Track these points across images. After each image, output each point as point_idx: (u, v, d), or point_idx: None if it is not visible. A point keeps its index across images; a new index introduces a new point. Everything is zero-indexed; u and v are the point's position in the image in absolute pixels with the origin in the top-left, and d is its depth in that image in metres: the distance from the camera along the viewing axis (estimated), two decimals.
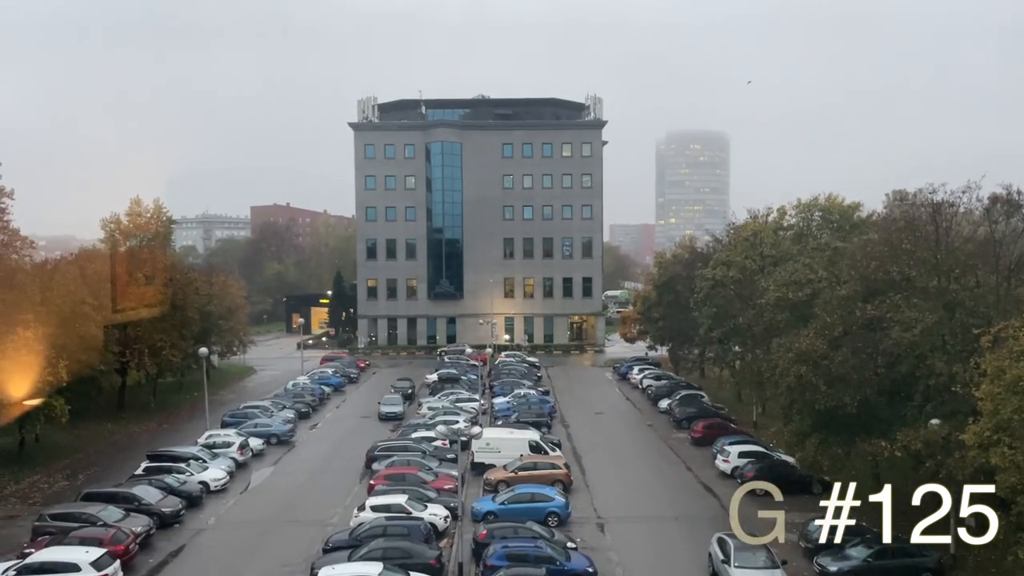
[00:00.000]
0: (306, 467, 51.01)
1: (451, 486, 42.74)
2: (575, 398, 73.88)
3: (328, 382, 78.32)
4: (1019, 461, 24.76)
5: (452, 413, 60.12)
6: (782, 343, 40.88)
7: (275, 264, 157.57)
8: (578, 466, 49.92)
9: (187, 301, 65.79)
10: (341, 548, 34.14)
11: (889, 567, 32.04)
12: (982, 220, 37.63)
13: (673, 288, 78.54)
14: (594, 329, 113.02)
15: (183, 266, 76.40)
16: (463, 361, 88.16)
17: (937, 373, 32.74)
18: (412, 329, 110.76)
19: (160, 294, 62.86)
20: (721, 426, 55.75)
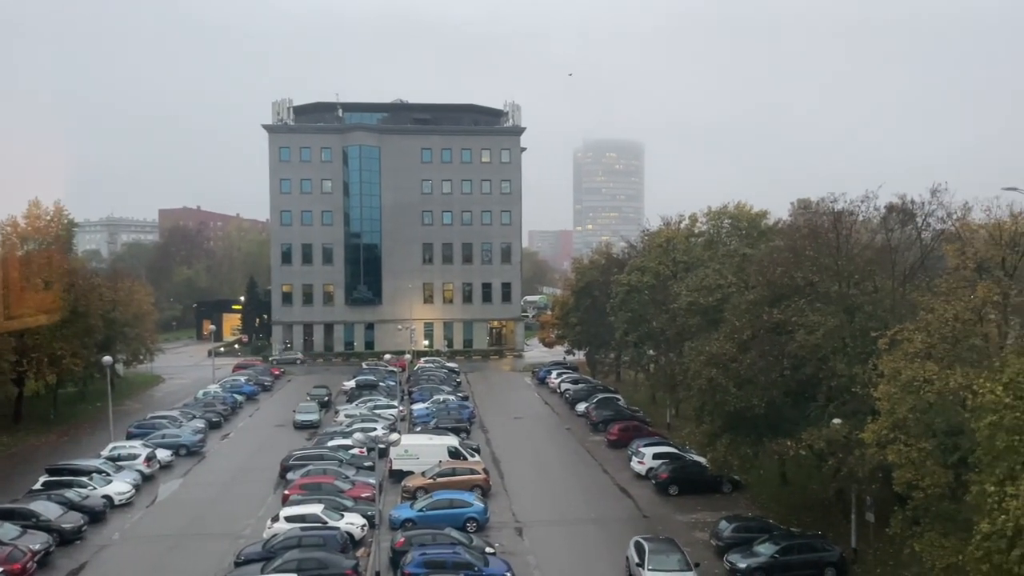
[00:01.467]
0: (217, 478, 49.54)
1: (368, 494, 42.22)
2: (494, 403, 74.07)
3: (241, 390, 76.31)
4: (914, 458, 26.01)
5: (370, 420, 59.43)
6: (694, 346, 41.97)
7: (185, 269, 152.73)
8: (497, 471, 50.04)
9: (90, 307, 63.00)
10: (254, 561, 33.28)
11: (795, 562, 33.17)
12: (879, 228, 39.53)
13: (590, 293, 79.69)
14: (513, 334, 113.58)
15: (85, 271, 73.13)
16: (381, 367, 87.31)
17: (838, 374, 34.17)
18: (329, 335, 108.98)
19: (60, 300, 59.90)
20: (636, 428, 56.81)
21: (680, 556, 32.03)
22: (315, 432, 60.53)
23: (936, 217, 36.61)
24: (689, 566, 31.79)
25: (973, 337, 27.52)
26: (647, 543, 32.89)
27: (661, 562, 31.57)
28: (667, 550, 32.39)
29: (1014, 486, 20.40)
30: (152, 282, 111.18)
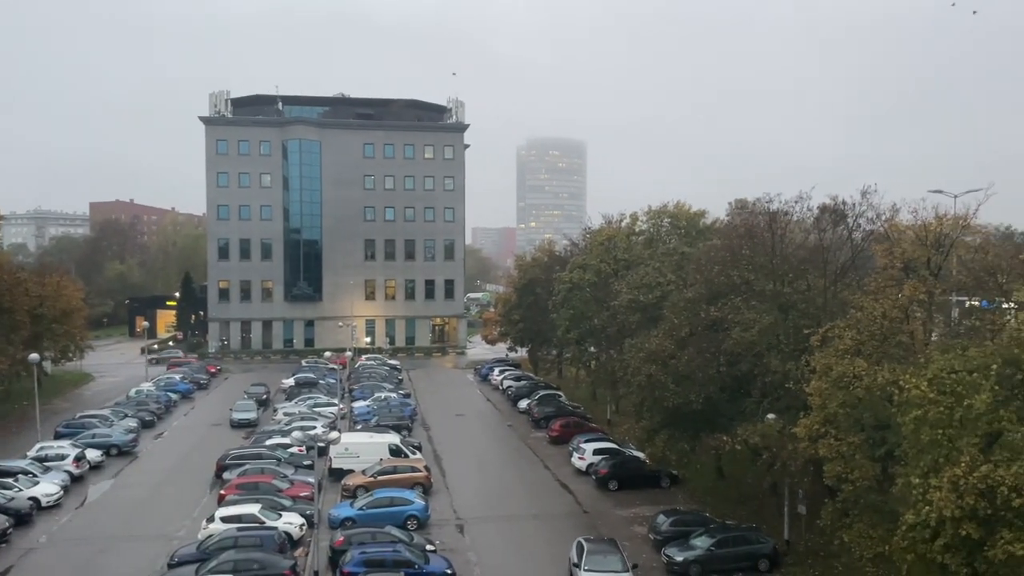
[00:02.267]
0: (150, 479, 48.28)
1: (307, 493, 41.68)
2: (437, 400, 73.86)
3: (175, 388, 74.53)
4: (844, 452, 26.84)
5: (309, 418, 58.70)
6: (634, 343, 42.52)
7: (117, 264, 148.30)
8: (439, 468, 49.92)
9: (15, 303, 60.75)
10: (188, 563, 32.60)
11: (730, 554, 33.88)
12: (813, 228, 40.63)
13: (533, 290, 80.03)
14: (456, 331, 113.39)
15: (10, 265, 70.40)
16: (322, 365, 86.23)
17: (773, 371, 35.05)
18: (268, 332, 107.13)
19: None
20: (577, 425, 57.30)
21: (618, 557, 31.80)
22: (253, 431, 59.51)
23: (866, 218, 37.83)
24: (626, 567, 31.53)
25: (900, 334, 28.52)
26: (586, 543, 33.05)
27: (597, 563, 31.40)
28: (605, 551, 32.21)
29: (937, 478, 21.18)
30: (82, 277, 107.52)
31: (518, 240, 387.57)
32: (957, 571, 20.80)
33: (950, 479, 19.97)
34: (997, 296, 26.16)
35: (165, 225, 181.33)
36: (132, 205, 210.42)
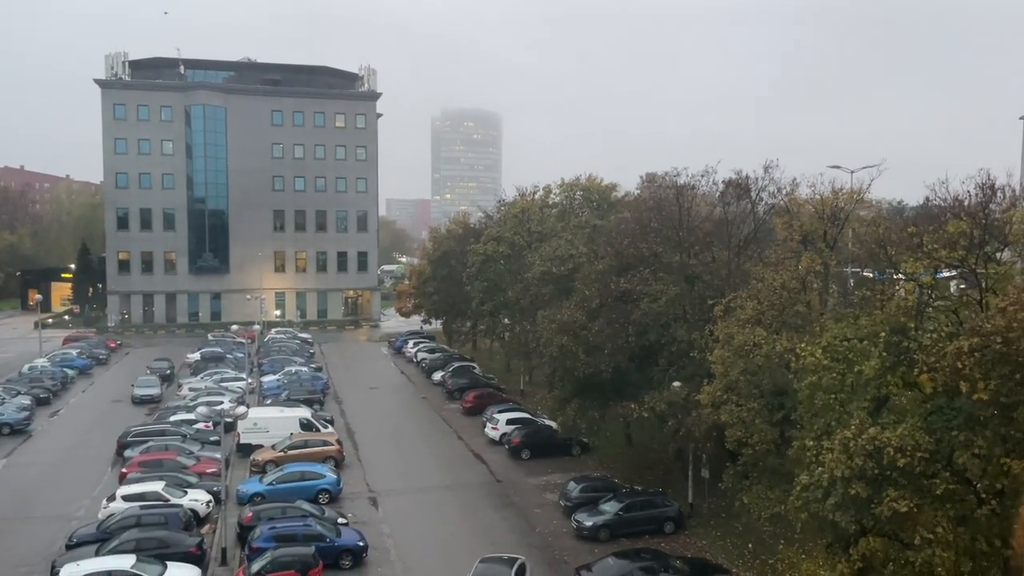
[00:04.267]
0: (46, 458, 46.28)
1: (214, 470, 40.76)
2: (350, 374, 73.11)
3: (72, 364, 71.37)
4: (744, 417, 27.95)
5: (216, 393, 57.20)
6: (546, 315, 43.01)
7: (7, 234, 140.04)
8: (351, 442, 49.57)
9: None
10: (88, 543, 31.59)
11: (637, 518, 34.93)
12: (718, 202, 41.75)
13: (447, 263, 79.78)
14: (370, 304, 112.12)
15: None
16: (229, 339, 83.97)
17: (679, 340, 36.07)
18: (171, 306, 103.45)
19: None
20: (491, 396, 57.75)
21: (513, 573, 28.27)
22: (156, 407, 57.71)
23: (768, 192, 39.09)
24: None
25: (798, 304, 29.74)
26: (481, 564, 29.46)
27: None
28: (499, 566, 28.80)
29: (830, 441, 22.27)
30: None
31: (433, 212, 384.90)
32: (846, 528, 21.98)
33: (841, 441, 21.02)
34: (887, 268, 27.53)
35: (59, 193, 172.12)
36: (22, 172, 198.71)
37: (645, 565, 29.13)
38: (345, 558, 31.58)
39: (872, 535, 22.18)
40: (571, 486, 38.36)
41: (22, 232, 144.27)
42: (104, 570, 27.90)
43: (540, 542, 34.54)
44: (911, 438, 20.30)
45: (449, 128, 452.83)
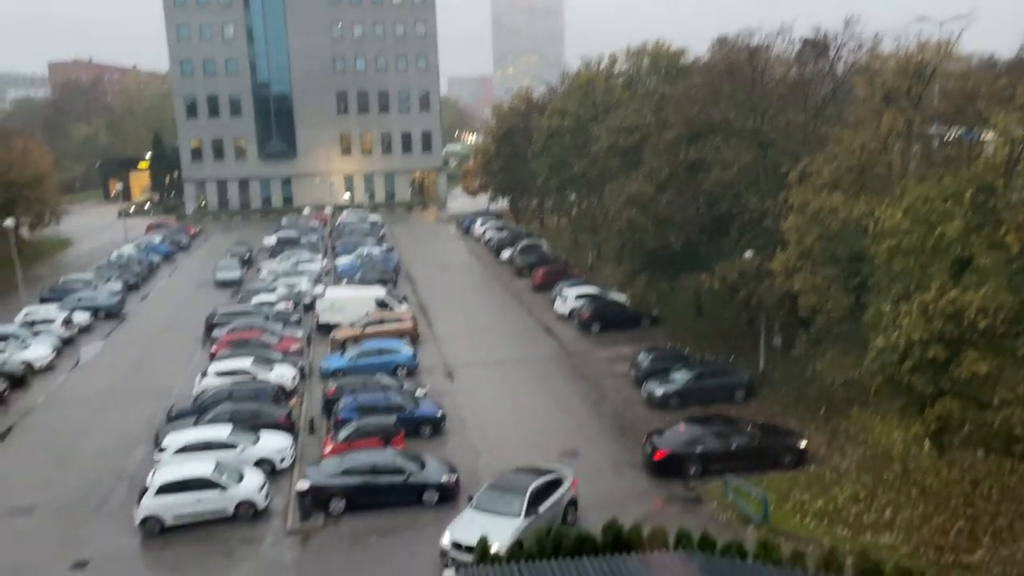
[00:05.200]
0: (140, 339, 49.04)
1: (296, 347, 42.57)
2: (419, 254, 74.27)
3: (156, 250, 74.29)
4: (818, 284, 27.53)
5: (293, 275, 59.04)
6: (613, 188, 42.47)
7: (83, 126, 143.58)
8: (425, 319, 50.89)
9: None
10: (186, 415, 33.65)
11: (708, 386, 35.30)
12: (794, 62, 39.69)
13: (511, 140, 78.80)
14: (436, 185, 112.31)
15: None
16: (302, 222, 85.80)
17: (751, 209, 35.25)
18: (244, 192, 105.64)
19: None
20: (560, 272, 58.06)
21: (519, 500, 24.58)
22: (238, 289, 59.90)
23: (848, 49, 36.88)
24: (520, 512, 24.22)
25: (878, 166, 28.54)
26: (491, 483, 26.53)
27: (489, 501, 25.05)
28: (506, 490, 25.35)
29: (908, 304, 21.85)
30: (48, 141, 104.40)
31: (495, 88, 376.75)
32: (923, 390, 21.84)
33: (920, 304, 20.61)
34: (976, 124, 26.00)
35: (128, 84, 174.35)
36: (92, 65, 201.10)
37: (716, 430, 29.66)
38: (424, 427, 33.00)
39: (949, 397, 22.00)
40: (641, 357, 38.84)
41: (97, 124, 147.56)
42: (203, 439, 29.79)
43: (610, 411, 35.40)
44: (994, 299, 19.74)
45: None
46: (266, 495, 27.37)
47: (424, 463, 28.31)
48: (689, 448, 28.77)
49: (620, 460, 30.37)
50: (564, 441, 32.17)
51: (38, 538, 26.27)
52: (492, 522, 23.38)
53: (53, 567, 24.37)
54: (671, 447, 28.88)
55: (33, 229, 75.67)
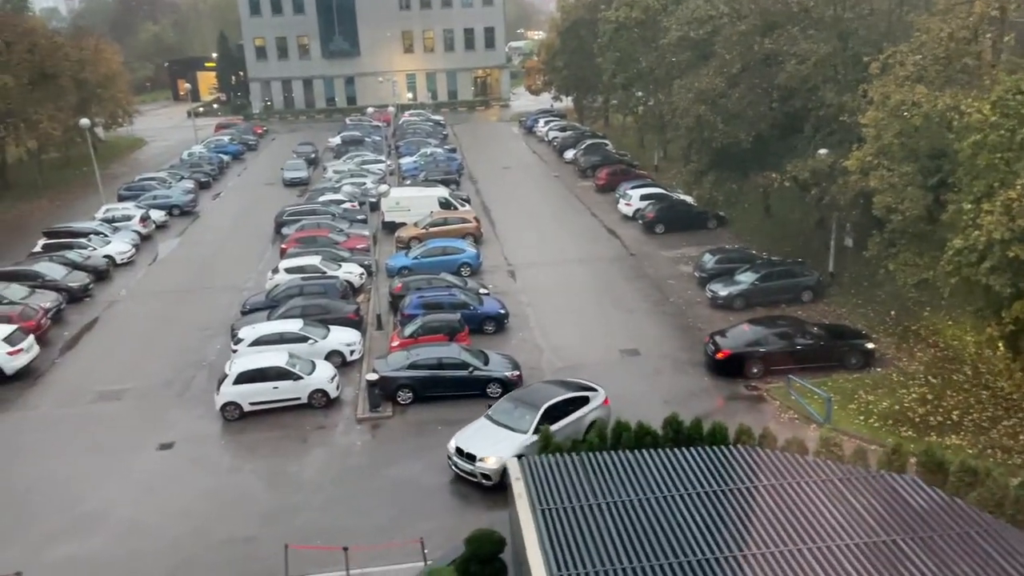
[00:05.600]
0: (213, 236, 50.50)
1: (363, 246, 43.30)
2: (482, 154, 73.78)
3: (226, 150, 75.51)
4: (895, 183, 26.44)
5: (358, 175, 59.49)
6: (683, 84, 40.98)
7: (150, 25, 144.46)
8: (488, 219, 50.99)
9: (58, 68, 60.45)
10: (259, 309, 34.81)
11: (774, 287, 34.79)
12: None
13: (577, 34, 76.42)
14: (499, 83, 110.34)
15: (46, 30, 69.20)
16: (366, 122, 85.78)
17: (827, 104, 33.72)
18: (309, 91, 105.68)
19: (25, 62, 57.54)
20: (624, 172, 57.12)
21: (531, 417, 23.39)
22: (305, 189, 60.81)
23: None
24: (528, 430, 23.10)
25: (966, 56, 26.83)
26: (507, 396, 25.80)
27: (503, 413, 24.19)
28: (520, 405, 24.26)
29: (990, 203, 20.93)
30: (117, 40, 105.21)
31: None
32: (1000, 291, 21.14)
33: (1003, 202, 19.71)
34: None
35: None
36: None
37: (780, 331, 29.38)
38: (487, 324, 33.53)
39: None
40: (706, 257, 38.38)
41: (164, 23, 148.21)
42: (277, 331, 30.92)
43: (673, 311, 35.33)
44: None
45: None
46: (337, 385, 28.48)
47: (488, 358, 28.93)
48: (752, 348, 28.65)
49: (681, 359, 30.50)
50: (626, 340, 32.39)
51: (126, 421, 27.97)
52: (500, 435, 22.98)
53: (141, 448, 26.00)
54: (734, 347, 28.80)
55: (108, 129, 77.54)
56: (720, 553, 13.57)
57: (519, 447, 22.25)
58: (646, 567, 13.31)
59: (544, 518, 14.73)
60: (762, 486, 15.51)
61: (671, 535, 14.10)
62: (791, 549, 13.58)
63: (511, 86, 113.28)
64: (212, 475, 23.12)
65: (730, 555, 13.52)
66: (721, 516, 14.62)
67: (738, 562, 13.34)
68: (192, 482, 23.75)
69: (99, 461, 25.27)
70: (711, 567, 13.24)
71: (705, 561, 13.36)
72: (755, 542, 13.80)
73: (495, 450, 22.35)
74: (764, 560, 13.36)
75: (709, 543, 13.84)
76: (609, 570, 13.26)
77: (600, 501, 15.23)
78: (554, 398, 24.01)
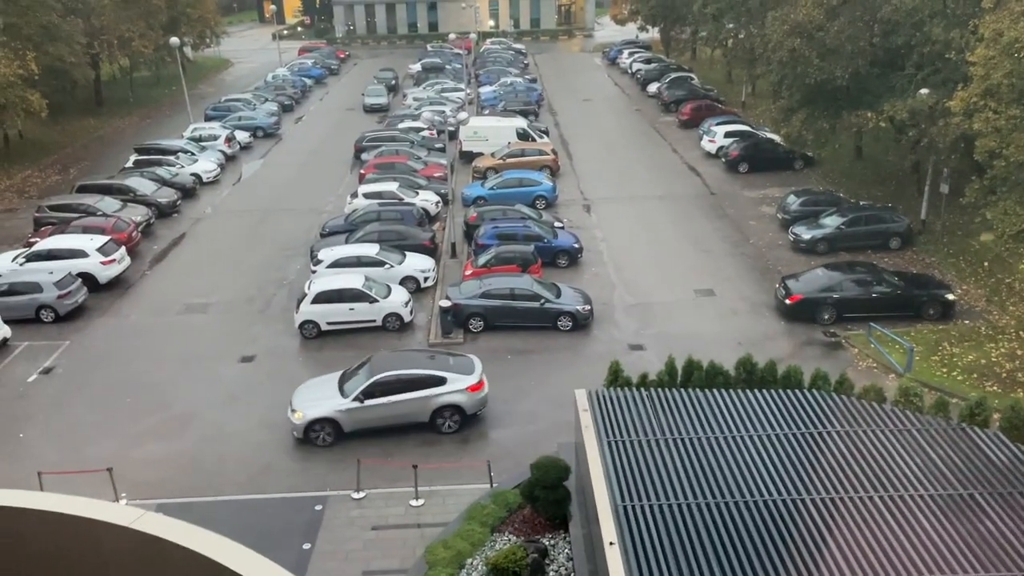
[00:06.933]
0: (295, 159, 51.31)
1: (440, 174, 43.37)
2: (563, 85, 72.47)
3: (309, 74, 76.08)
4: (1001, 126, 24.93)
5: (438, 103, 59.27)
6: (777, 16, 39.11)
7: None
8: (565, 152, 50.35)
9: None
10: (338, 232, 35.44)
11: (860, 232, 33.56)
12: None
13: None
14: (583, 12, 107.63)
15: None
16: (447, 50, 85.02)
17: (933, 40, 31.73)
18: (392, 16, 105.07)
19: None
20: (709, 108, 55.38)
21: (358, 383, 22.34)
22: (385, 115, 60.97)
23: None
24: (350, 397, 22.01)
25: None
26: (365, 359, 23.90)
27: (352, 372, 23.28)
28: (364, 367, 23.10)
29: None
30: None
31: None
32: None
33: None
34: None
35: None
36: None
37: (857, 277, 28.40)
38: (561, 258, 33.43)
39: None
40: (790, 199, 37.18)
41: None
42: (354, 255, 31.47)
43: (753, 252, 34.52)
44: None
45: None
46: (411, 310, 28.95)
47: (560, 291, 28.92)
48: (825, 294, 27.86)
49: (758, 301, 29.89)
50: (701, 280, 31.88)
51: (211, 333, 29.13)
52: (327, 393, 22.41)
53: (224, 359, 27.11)
54: (806, 291, 28.05)
55: (196, 49, 78.87)
56: (788, 495, 13.43)
57: (330, 410, 21.88)
58: (711, 504, 13.29)
59: (610, 449, 14.81)
60: (835, 431, 15.21)
61: (738, 475, 14.00)
62: (862, 496, 13.34)
63: (596, 15, 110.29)
64: (290, 388, 23.94)
65: (797, 498, 13.37)
66: (791, 459, 14.43)
67: (805, 505, 13.20)
68: (272, 393, 24.68)
69: (186, 369, 26.48)
70: (777, 508, 13.13)
71: (773, 502, 13.25)
72: (824, 487, 13.61)
73: (307, 407, 22.09)
74: (832, 505, 13.17)
75: (776, 485, 13.70)
76: (673, 504, 13.29)
77: (668, 437, 15.20)
78: (392, 371, 22.29)
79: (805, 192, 38.07)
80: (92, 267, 31.61)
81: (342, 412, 21.96)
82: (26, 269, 30.89)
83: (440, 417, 22.37)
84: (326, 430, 22.02)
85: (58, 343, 28.35)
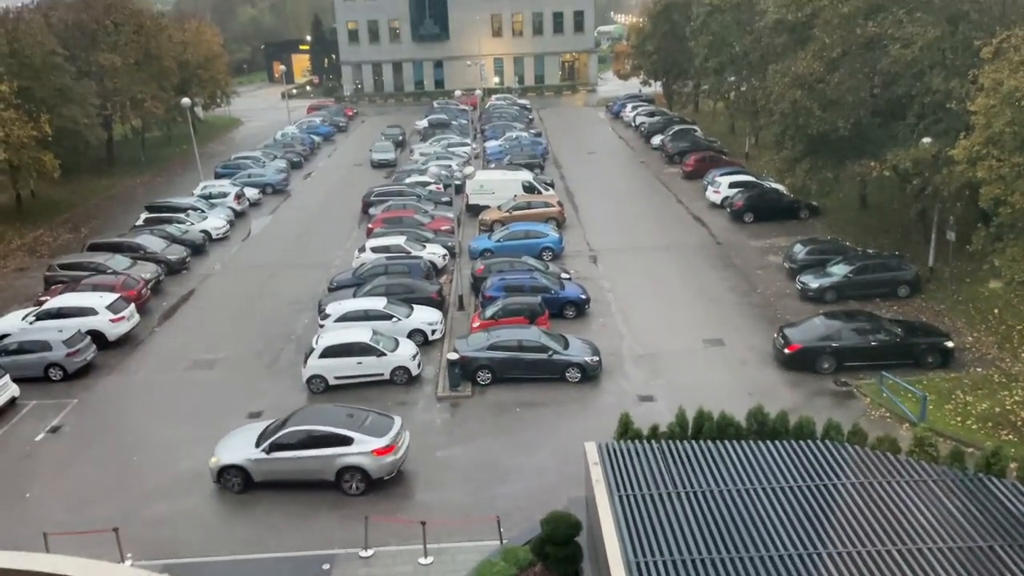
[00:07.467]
0: (304, 214, 51.84)
1: (447, 227, 43.72)
2: (567, 139, 73.41)
3: (317, 131, 77.33)
4: (1004, 174, 25.07)
5: (444, 158, 60.02)
6: (778, 69, 39.71)
7: (249, 8, 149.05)
8: (571, 204, 50.74)
9: (162, 49, 63.08)
10: (345, 286, 35.61)
11: (868, 281, 33.48)
12: None
13: (669, 17, 75.00)
14: (586, 67, 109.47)
15: (152, 13, 72.21)
16: (453, 106, 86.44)
17: (933, 90, 32.12)
18: (398, 74, 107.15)
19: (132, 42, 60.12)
20: (713, 159, 55.88)
21: (261, 439, 22.70)
22: (392, 170, 61.72)
23: None
24: (260, 448, 22.35)
25: None
26: None
27: (276, 423, 23.45)
28: (282, 420, 23.43)
29: None
30: (217, 23, 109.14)
31: None
32: None
33: None
34: None
35: None
36: None
37: (856, 326, 28.16)
38: (568, 309, 33.43)
39: None
40: (797, 248, 37.24)
41: (261, 6, 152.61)
42: (362, 308, 31.54)
43: (760, 302, 34.45)
44: None
45: None
46: (419, 363, 28.88)
47: (568, 343, 28.84)
48: (824, 343, 27.67)
49: (767, 351, 29.67)
50: (710, 330, 31.77)
51: (219, 388, 29.07)
52: (247, 441, 22.73)
53: (232, 414, 26.91)
54: (804, 340, 27.88)
55: (207, 108, 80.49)
56: (803, 549, 13.18)
57: (241, 459, 22.23)
58: (725, 559, 13.04)
59: (622, 503, 14.60)
60: (850, 483, 14.99)
61: (752, 528, 13.77)
62: (879, 549, 13.09)
63: (598, 71, 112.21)
64: None
65: (813, 552, 13.12)
66: (805, 512, 14.20)
67: (822, 559, 12.94)
68: None
69: (194, 425, 26.35)
70: (793, 563, 12.88)
71: (788, 557, 13.01)
72: (840, 540, 13.36)
73: (224, 453, 22.60)
74: (849, 559, 12.92)
75: (791, 538, 13.47)
76: (687, 559, 13.05)
77: (680, 490, 15.00)
78: (303, 426, 22.38)
79: (811, 241, 38.14)
80: (102, 325, 31.76)
81: (251, 461, 22.27)
82: (36, 328, 31.08)
83: (344, 478, 22.02)
84: (237, 477, 22.33)
85: (66, 401, 28.32)
